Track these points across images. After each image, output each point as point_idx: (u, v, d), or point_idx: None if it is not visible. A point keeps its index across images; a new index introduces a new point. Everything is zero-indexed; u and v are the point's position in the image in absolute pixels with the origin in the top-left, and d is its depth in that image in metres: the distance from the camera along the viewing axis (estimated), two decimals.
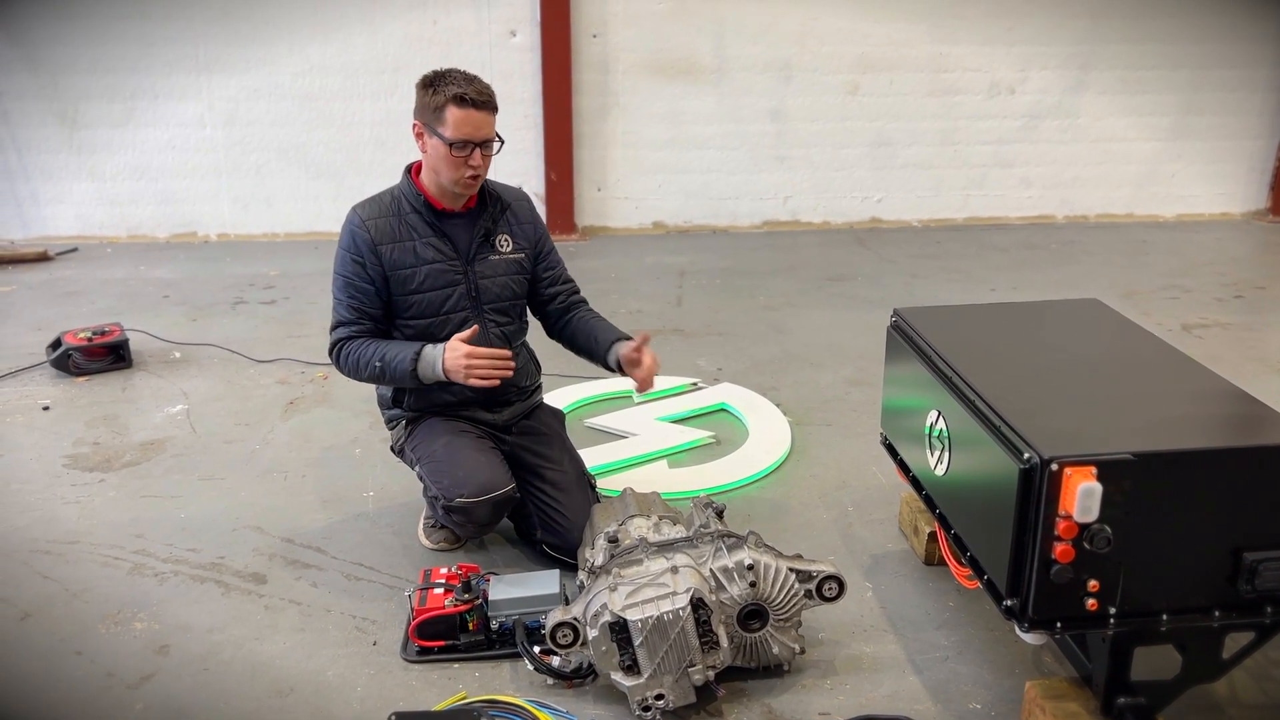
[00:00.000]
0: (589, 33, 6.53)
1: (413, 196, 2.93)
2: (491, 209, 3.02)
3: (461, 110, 2.75)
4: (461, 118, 2.76)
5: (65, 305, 5.47)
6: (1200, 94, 6.99)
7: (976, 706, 2.44)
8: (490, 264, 3.00)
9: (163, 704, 2.47)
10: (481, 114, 2.78)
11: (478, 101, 2.77)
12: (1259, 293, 5.65)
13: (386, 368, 2.84)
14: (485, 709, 2.40)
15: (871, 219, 7.12)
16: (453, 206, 2.97)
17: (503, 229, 3.04)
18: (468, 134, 2.77)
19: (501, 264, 3.02)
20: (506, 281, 3.03)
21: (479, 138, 2.79)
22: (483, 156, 2.82)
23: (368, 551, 3.13)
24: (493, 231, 3.02)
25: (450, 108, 2.76)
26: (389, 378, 2.88)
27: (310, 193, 6.75)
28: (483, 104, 2.78)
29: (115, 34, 6.34)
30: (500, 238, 3.03)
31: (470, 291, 2.97)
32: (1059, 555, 2.02)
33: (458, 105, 2.75)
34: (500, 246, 3.03)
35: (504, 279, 3.03)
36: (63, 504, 3.42)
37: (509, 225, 3.06)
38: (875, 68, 6.77)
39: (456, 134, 2.77)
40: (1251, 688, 2.44)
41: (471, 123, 2.76)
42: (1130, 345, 2.66)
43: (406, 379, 2.84)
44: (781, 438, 3.82)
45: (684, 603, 2.32)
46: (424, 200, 2.93)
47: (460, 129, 2.76)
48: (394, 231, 2.90)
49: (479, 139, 2.79)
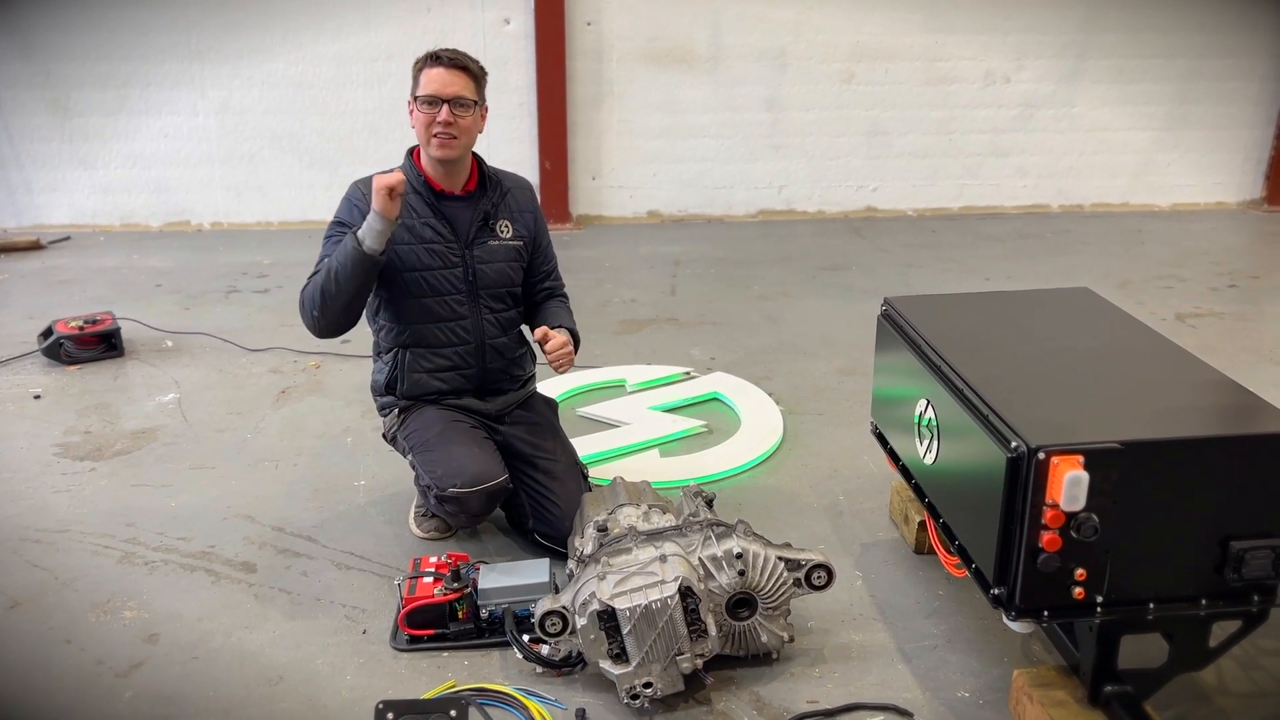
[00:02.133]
0: (583, 20, 6.50)
1: (413, 177, 2.93)
2: (491, 193, 3.01)
3: (432, 69, 2.84)
4: (430, 75, 2.84)
5: (57, 294, 5.46)
6: (1196, 83, 6.98)
7: (965, 694, 2.45)
8: (489, 249, 3.00)
9: (152, 692, 2.47)
10: (450, 71, 2.83)
11: (445, 59, 2.84)
12: (1253, 282, 5.65)
13: (334, 261, 2.78)
14: (474, 697, 2.40)
15: (866, 208, 7.11)
16: (451, 188, 2.96)
17: (503, 214, 3.04)
18: (435, 89, 2.81)
19: (500, 250, 3.02)
20: (504, 268, 3.03)
21: (446, 94, 2.81)
22: (453, 114, 2.82)
23: (358, 540, 3.13)
24: (492, 216, 3.01)
25: (424, 69, 2.85)
26: (340, 269, 2.77)
27: (304, 181, 6.73)
28: (450, 61, 2.83)
29: (108, 22, 6.31)
30: (500, 223, 3.03)
31: (467, 275, 2.97)
32: (1046, 544, 2.02)
33: (429, 64, 2.85)
34: (500, 232, 3.02)
35: (501, 265, 3.02)
36: (53, 492, 3.42)
37: (509, 211, 3.06)
38: (870, 56, 6.75)
39: (425, 90, 2.83)
40: (1239, 676, 2.45)
41: (439, 79, 2.82)
42: (1120, 334, 2.66)
43: (354, 254, 2.74)
44: (773, 427, 3.82)
45: (672, 591, 2.32)
46: (424, 181, 2.94)
47: (428, 85, 2.83)
48: None
49: (446, 95, 2.81)
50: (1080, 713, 2.20)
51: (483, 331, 3.01)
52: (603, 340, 4.77)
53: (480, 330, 3.01)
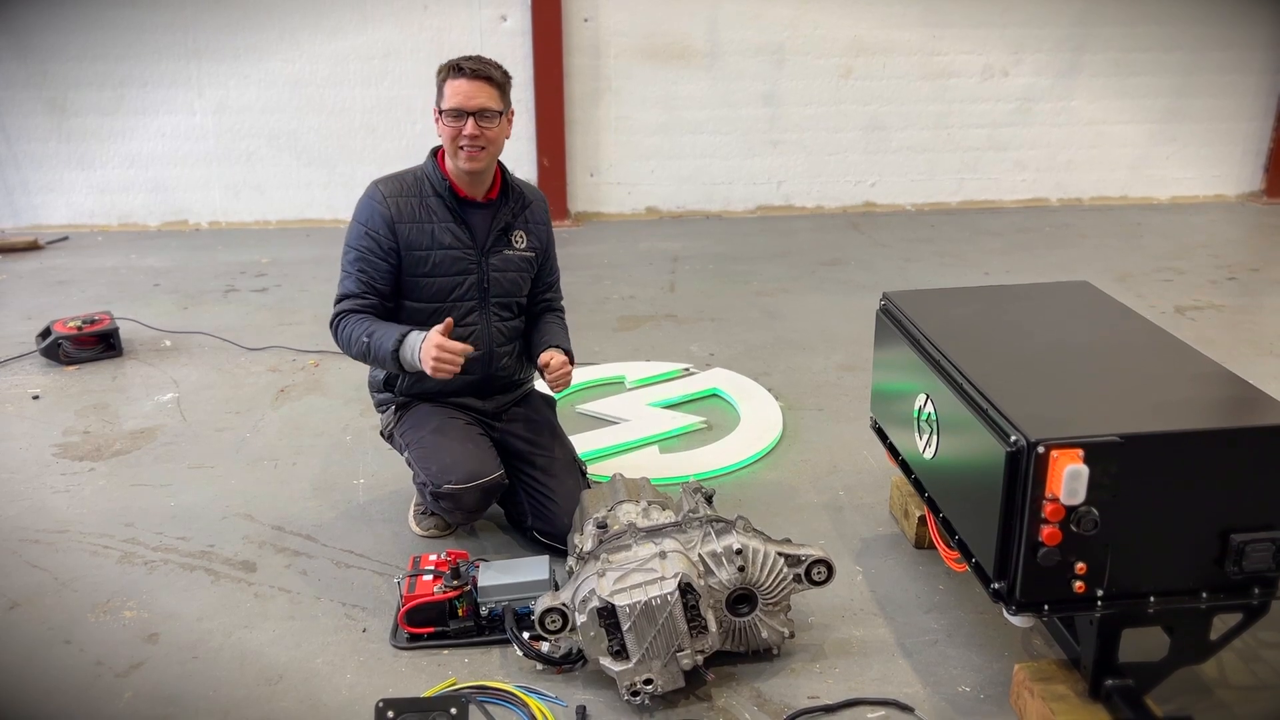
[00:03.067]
0: (580, 17, 6.49)
1: (437, 180, 2.93)
2: (513, 204, 3.02)
3: (454, 80, 2.83)
4: (454, 88, 2.82)
5: (55, 294, 5.45)
6: (1194, 76, 6.97)
7: (965, 689, 2.45)
8: (504, 258, 3.00)
9: (152, 692, 2.47)
10: (473, 83, 2.81)
11: (469, 71, 2.82)
12: (1252, 275, 5.64)
13: (372, 345, 2.81)
14: (474, 695, 2.40)
15: (865, 203, 7.11)
16: (474, 195, 2.96)
17: (519, 225, 3.05)
18: (459, 102, 2.81)
19: (515, 260, 3.03)
20: (516, 278, 3.04)
21: (471, 106, 2.81)
22: (479, 127, 2.81)
23: (358, 539, 3.12)
24: (510, 226, 3.02)
25: (448, 80, 2.84)
26: (373, 356, 2.84)
27: (301, 180, 6.72)
28: (474, 73, 2.82)
29: (105, 20, 6.30)
30: (517, 234, 3.04)
31: (481, 283, 2.97)
32: (1046, 538, 2.02)
33: (452, 76, 2.84)
34: (516, 242, 3.04)
35: (514, 275, 3.03)
36: (52, 493, 3.41)
37: (525, 223, 3.06)
38: (868, 51, 6.74)
39: (449, 103, 2.82)
40: (1240, 669, 2.44)
41: (462, 91, 2.81)
42: (1119, 328, 2.65)
43: (388, 361, 2.81)
44: (773, 423, 3.82)
45: (672, 588, 2.31)
46: (448, 185, 2.93)
47: (452, 98, 2.82)
48: (414, 211, 2.90)
49: (471, 108, 2.81)
50: (1081, 706, 2.19)
51: (491, 339, 3.01)
52: (602, 337, 4.76)
53: (489, 338, 3.01)
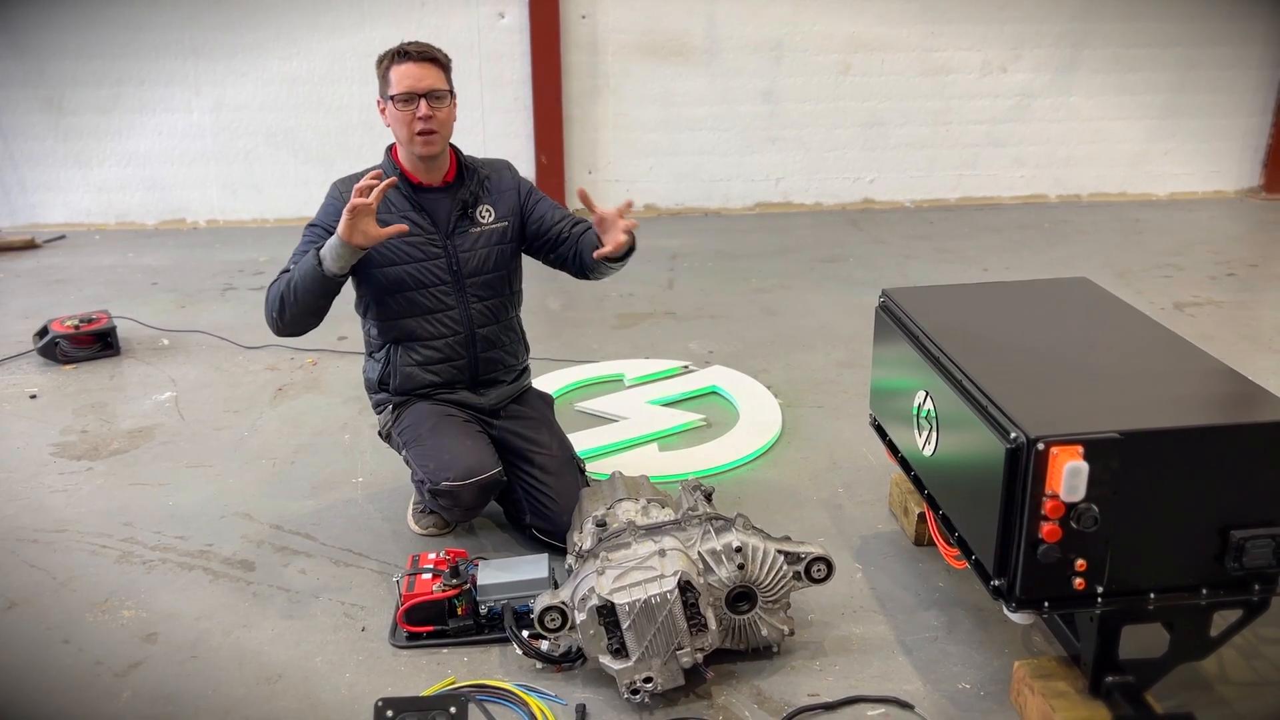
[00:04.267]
0: (578, 13, 6.48)
1: (392, 172, 2.92)
2: (469, 182, 3.01)
3: (401, 65, 2.82)
4: (401, 72, 2.82)
5: (53, 293, 5.44)
6: (1193, 71, 6.96)
7: (966, 686, 2.44)
8: (470, 236, 2.99)
9: (151, 691, 2.47)
10: (420, 66, 2.82)
11: (414, 54, 2.82)
12: (1252, 270, 5.64)
13: (295, 275, 2.77)
14: (474, 694, 2.39)
15: (864, 200, 7.10)
16: (429, 181, 2.96)
17: (483, 200, 3.03)
18: (409, 86, 2.81)
19: (483, 235, 3.01)
20: (488, 253, 3.02)
21: (421, 89, 2.81)
22: (430, 108, 2.81)
23: (356, 538, 3.12)
24: (470, 204, 3.01)
25: (392, 67, 2.84)
26: (299, 286, 2.75)
27: (299, 178, 6.71)
28: (419, 55, 2.82)
29: (101, 19, 6.28)
30: (481, 209, 3.02)
31: (451, 266, 2.97)
32: (1046, 535, 2.02)
33: (397, 61, 2.83)
34: (481, 218, 3.02)
35: (484, 250, 3.01)
36: (50, 492, 3.40)
37: (489, 195, 3.05)
38: (867, 47, 6.73)
39: (399, 87, 2.82)
40: (1240, 665, 2.44)
41: (411, 75, 2.81)
42: (1119, 324, 2.65)
43: (315, 272, 2.72)
44: (772, 420, 3.81)
45: (671, 585, 2.31)
46: (402, 176, 2.93)
47: (401, 82, 2.82)
48: None
49: (421, 90, 2.81)
50: (1081, 703, 2.19)
51: (471, 320, 3.01)
52: (600, 334, 4.76)
53: (469, 320, 3.00)
